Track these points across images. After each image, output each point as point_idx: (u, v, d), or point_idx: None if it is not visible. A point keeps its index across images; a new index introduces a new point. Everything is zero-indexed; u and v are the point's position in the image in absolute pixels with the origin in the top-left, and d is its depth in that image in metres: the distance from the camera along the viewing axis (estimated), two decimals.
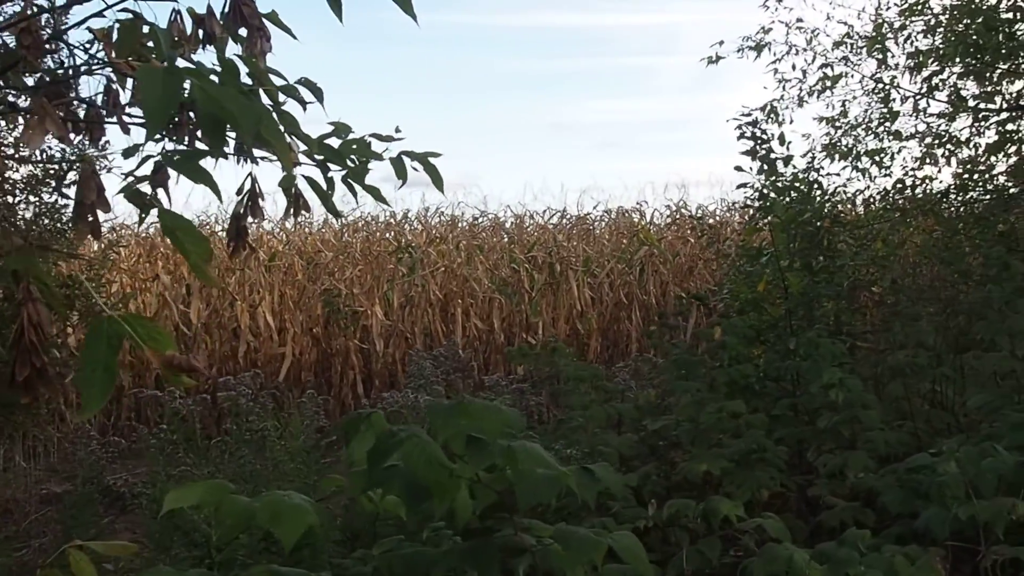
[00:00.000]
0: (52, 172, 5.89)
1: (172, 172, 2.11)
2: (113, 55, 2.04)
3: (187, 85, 1.62)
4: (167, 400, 6.09)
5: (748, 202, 6.55)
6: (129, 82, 2.36)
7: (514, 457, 1.92)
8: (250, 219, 2.57)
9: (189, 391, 10.05)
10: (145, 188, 2.28)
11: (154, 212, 2.52)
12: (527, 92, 31.58)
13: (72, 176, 5.26)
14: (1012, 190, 8.00)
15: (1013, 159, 8.39)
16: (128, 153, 1.83)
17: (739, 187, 6.32)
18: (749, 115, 6.22)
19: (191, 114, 2.35)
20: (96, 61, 2.39)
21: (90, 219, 1.72)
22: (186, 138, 2.28)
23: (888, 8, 8.67)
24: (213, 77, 2.48)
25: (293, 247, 12.10)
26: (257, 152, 2.49)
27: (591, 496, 2.07)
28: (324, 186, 2.67)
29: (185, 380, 1.60)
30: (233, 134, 2.02)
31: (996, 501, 2.75)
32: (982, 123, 8.47)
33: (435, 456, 1.84)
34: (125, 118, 2.23)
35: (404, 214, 13.85)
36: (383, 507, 2.41)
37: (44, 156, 5.60)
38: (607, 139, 31.13)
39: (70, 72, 2.44)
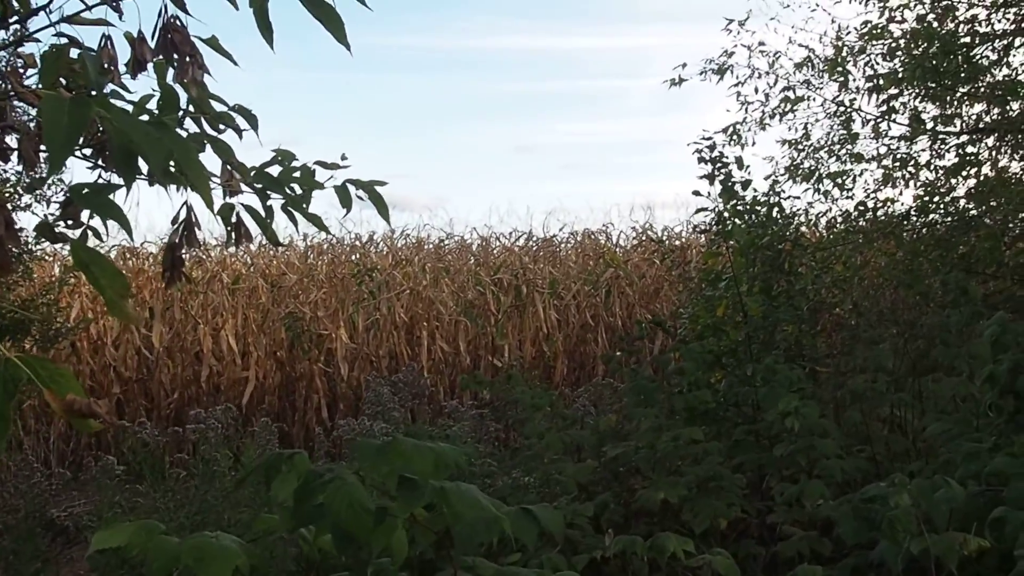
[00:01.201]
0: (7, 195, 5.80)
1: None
2: (17, 83, 1.96)
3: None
4: (133, 429, 5.96)
5: (707, 226, 6.53)
6: None
7: (447, 499, 1.86)
8: (185, 249, 2.50)
9: (151, 419, 9.99)
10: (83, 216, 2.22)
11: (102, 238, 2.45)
12: (493, 114, 31.61)
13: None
14: (972, 212, 8.04)
15: (973, 182, 8.45)
16: (31, 187, 1.76)
17: (697, 212, 6.31)
18: (709, 139, 6.21)
19: None
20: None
21: None
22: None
23: (848, 32, 8.73)
24: (152, 104, 2.44)
25: (257, 270, 11.99)
26: None
27: (531, 538, 2.01)
28: (263, 214, 2.62)
29: (92, 424, 1.54)
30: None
31: (947, 536, 2.72)
32: (942, 146, 8.53)
33: (360, 501, 1.77)
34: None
35: (370, 236, 13.77)
36: (318, 546, 2.34)
37: None
38: (573, 161, 31.18)
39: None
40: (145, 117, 2.27)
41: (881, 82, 8.34)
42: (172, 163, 1.70)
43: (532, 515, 2.08)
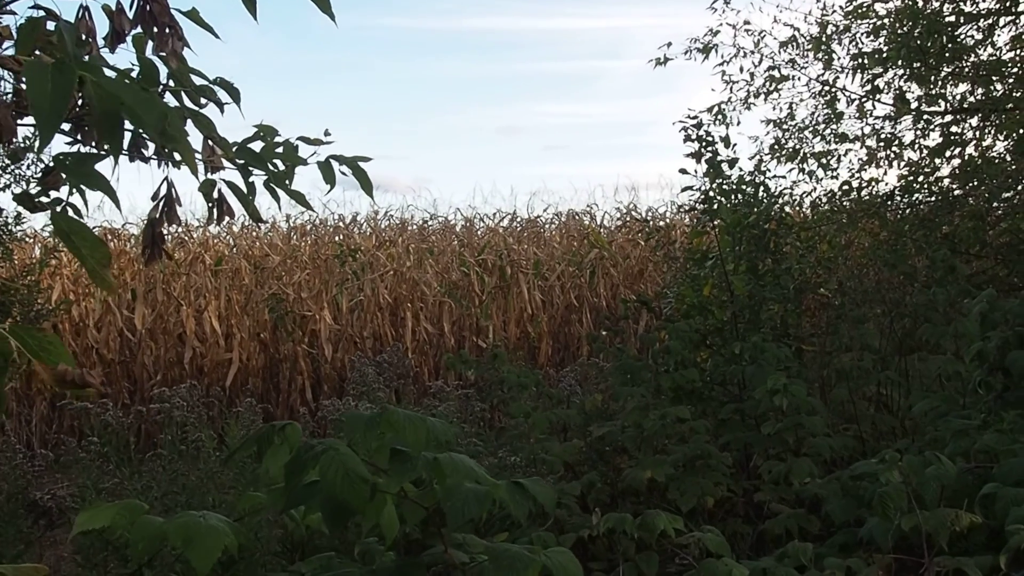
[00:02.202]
0: None
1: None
2: None
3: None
4: (96, 411, 5.87)
5: (693, 205, 6.50)
6: None
7: (440, 470, 1.83)
8: (166, 226, 2.45)
9: (134, 401, 9.90)
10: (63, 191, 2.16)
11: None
12: (476, 95, 31.58)
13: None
14: (956, 192, 8.04)
15: (957, 161, 8.45)
16: (15, 157, 1.71)
17: (684, 190, 6.29)
18: (695, 117, 6.17)
19: None
20: None
21: None
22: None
23: (833, 11, 8.70)
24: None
25: (240, 251, 11.91)
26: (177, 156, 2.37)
27: (523, 512, 1.98)
28: (245, 191, 2.57)
29: (88, 392, 1.50)
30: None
31: (939, 512, 2.70)
32: (926, 126, 8.52)
33: (355, 470, 1.73)
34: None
35: (353, 217, 13.70)
36: (306, 524, 2.31)
37: None
38: (557, 142, 31.15)
39: None
40: None
41: (866, 61, 8.32)
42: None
43: (524, 488, 2.05)
